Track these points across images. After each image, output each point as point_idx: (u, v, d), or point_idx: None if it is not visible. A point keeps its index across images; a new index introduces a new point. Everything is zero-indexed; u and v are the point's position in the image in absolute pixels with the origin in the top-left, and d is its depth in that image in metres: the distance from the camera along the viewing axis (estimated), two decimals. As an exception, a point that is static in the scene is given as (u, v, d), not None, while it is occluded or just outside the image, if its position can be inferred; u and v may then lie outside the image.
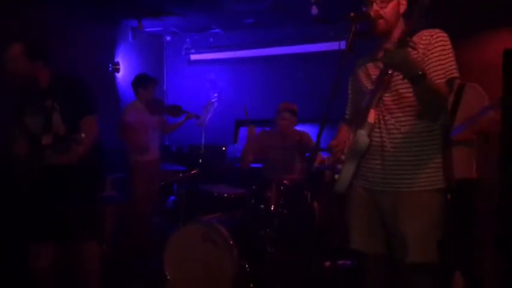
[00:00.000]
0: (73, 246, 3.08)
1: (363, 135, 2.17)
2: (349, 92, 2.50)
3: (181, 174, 4.57)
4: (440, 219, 2.16)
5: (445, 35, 2.11)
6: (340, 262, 3.81)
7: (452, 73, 2.07)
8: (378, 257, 2.30)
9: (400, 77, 2.01)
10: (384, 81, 2.13)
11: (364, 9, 2.19)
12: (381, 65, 2.19)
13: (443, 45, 2.09)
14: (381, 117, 2.18)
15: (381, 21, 2.16)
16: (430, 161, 2.15)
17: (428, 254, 2.13)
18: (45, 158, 2.86)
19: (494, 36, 4.85)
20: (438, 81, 2.04)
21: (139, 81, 4.89)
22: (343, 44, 2.48)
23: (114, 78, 6.04)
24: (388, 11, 2.16)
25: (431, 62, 2.08)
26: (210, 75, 6.71)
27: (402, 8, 2.21)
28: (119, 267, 4.23)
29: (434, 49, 2.08)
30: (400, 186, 2.16)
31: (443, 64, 2.07)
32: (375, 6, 2.15)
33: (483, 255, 3.35)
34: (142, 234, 4.71)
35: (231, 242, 3.27)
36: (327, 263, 3.87)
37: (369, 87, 2.24)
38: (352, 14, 2.10)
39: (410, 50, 1.89)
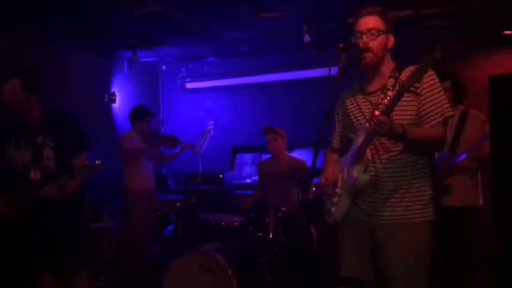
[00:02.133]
0: (64, 278, 3.07)
1: (362, 172, 2.20)
2: (336, 121, 2.52)
3: (178, 204, 4.56)
4: (430, 250, 2.19)
5: (434, 73, 2.17)
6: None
7: (448, 112, 2.15)
8: (368, 284, 2.31)
9: (395, 115, 2.08)
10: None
11: (353, 40, 2.24)
12: (372, 100, 2.25)
13: (435, 84, 2.16)
14: (375, 153, 2.22)
15: (369, 54, 2.21)
16: (422, 193, 2.20)
17: (418, 285, 2.15)
18: (33, 192, 2.86)
19: (480, 59, 4.94)
20: (436, 121, 2.13)
21: (135, 114, 4.92)
22: (333, 70, 2.52)
23: (110, 108, 6.08)
24: (376, 44, 2.21)
25: (426, 104, 2.14)
26: (205, 103, 6.77)
27: (390, 43, 2.27)
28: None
29: (427, 90, 2.14)
30: (392, 218, 2.19)
31: (438, 104, 2.13)
32: (364, 38, 2.21)
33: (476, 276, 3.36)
34: (139, 264, 4.67)
35: (230, 271, 3.25)
36: (327, 290, 3.84)
37: (361, 122, 2.27)
38: (341, 45, 2.15)
39: (411, 94, 1.98)
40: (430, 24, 4.71)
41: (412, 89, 1.93)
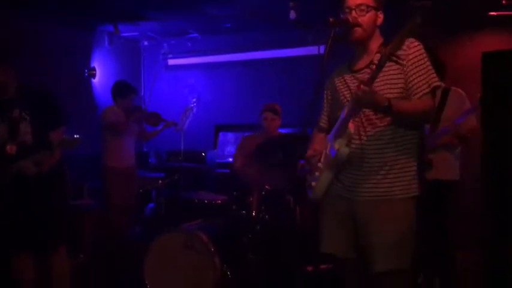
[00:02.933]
0: (43, 257, 3.04)
1: (343, 145, 2.18)
2: (325, 100, 2.50)
3: (160, 181, 4.51)
4: (413, 226, 2.19)
5: (420, 44, 2.15)
6: (323, 266, 3.81)
7: (435, 82, 2.13)
8: (350, 261, 2.32)
9: (382, 90, 2.07)
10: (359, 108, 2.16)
11: (342, 15, 2.21)
12: (359, 76, 2.22)
13: (421, 55, 2.14)
14: (360, 127, 2.19)
15: (358, 29, 2.19)
16: (407, 169, 2.18)
17: (401, 261, 2.15)
18: (10, 167, 2.82)
19: (469, 39, 4.95)
20: (423, 92, 2.11)
21: (118, 90, 4.81)
22: (322, 49, 2.48)
23: (90, 83, 5.96)
24: (365, 20, 2.18)
25: (412, 75, 2.13)
26: (188, 80, 6.67)
27: (379, 20, 2.24)
28: (98, 277, 4.16)
29: (413, 61, 2.13)
30: (376, 194, 2.18)
31: (425, 75, 2.12)
32: (354, 14, 2.18)
33: (460, 256, 3.42)
34: (120, 243, 4.63)
35: (213, 249, 3.24)
36: (310, 268, 3.87)
37: (349, 99, 2.25)
38: (331, 20, 2.12)
39: (393, 63, 1.97)
40: (416, 5, 4.66)
41: (393, 58, 1.91)
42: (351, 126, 2.17)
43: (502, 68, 1.98)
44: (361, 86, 1.97)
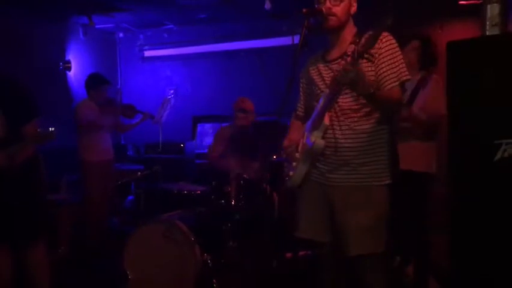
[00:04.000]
0: (20, 251, 3.00)
1: (319, 137, 2.24)
2: (301, 89, 2.54)
3: (139, 173, 4.50)
4: (387, 212, 2.25)
5: (392, 37, 2.20)
6: (301, 253, 3.88)
7: (405, 75, 2.18)
8: (326, 246, 2.38)
9: None
10: (339, 88, 2.18)
11: (316, 6, 2.23)
12: (333, 67, 2.26)
13: (393, 49, 2.18)
14: (335, 118, 2.24)
15: (332, 17, 2.22)
16: (379, 158, 2.25)
17: (375, 245, 2.21)
18: None
19: (440, 27, 5.05)
20: (392, 85, 2.15)
21: (91, 82, 4.75)
22: (296, 39, 2.52)
23: (65, 76, 5.88)
24: (339, 9, 2.22)
25: (383, 67, 2.17)
26: (165, 71, 6.64)
27: (353, 9, 2.28)
28: (78, 270, 4.16)
29: (384, 54, 2.17)
30: (350, 181, 2.25)
31: (395, 68, 2.16)
32: (328, 4, 2.21)
33: (435, 240, 3.50)
34: (99, 235, 4.62)
35: (192, 239, 3.27)
36: (288, 255, 3.93)
37: (323, 89, 2.29)
38: (304, 10, 2.15)
39: (365, 61, 1.98)
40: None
41: (366, 55, 1.94)
42: (326, 118, 2.22)
43: (467, 56, 2.04)
44: (344, 65, 1.97)
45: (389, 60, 2.17)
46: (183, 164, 5.71)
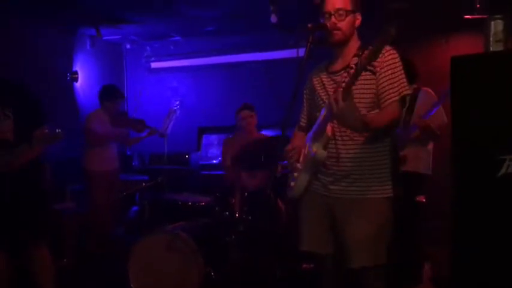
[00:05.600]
0: (24, 255, 3.01)
1: (320, 148, 2.24)
2: (304, 100, 2.55)
3: (143, 184, 4.52)
4: (389, 224, 2.26)
5: (395, 52, 2.22)
6: (305, 265, 3.87)
7: (405, 90, 2.20)
8: (329, 258, 2.38)
9: (358, 94, 2.13)
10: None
11: (321, 20, 2.26)
12: (336, 78, 2.29)
13: (395, 63, 2.20)
14: (337, 130, 2.26)
15: (338, 32, 2.24)
16: (381, 171, 2.26)
17: (378, 257, 2.22)
18: None
19: (445, 41, 5.07)
20: (393, 99, 2.17)
21: (106, 93, 4.81)
22: (301, 51, 2.55)
23: (72, 87, 5.93)
24: (344, 24, 2.24)
25: (385, 82, 2.19)
26: (171, 83, 6.69)
27: (357, 22, 2.30)
28: (82, 279, 4.16)
29: (386, 68, 2.18)
30: (352, 193, 2.25)
31: (396, 83, 2.18)
32: (333, 19, 2.23)
33: (432, 251, 3.52)
34: (103, 245, 4.63)
35: (196, 250, 3.27)
36: (292, 267, 3.92)
37: (325, 100, 2.30)
38: (309, 25, 2.18)
39: (369, 73, 2.02)
40: (391, 7, 4.77)
41: (369, 67, 1.96)
42: (329, 129, 2.23)
43: (470, 72, 2.05)
44: (337, 98, 1.98)
45: (391, 75, 2.18)
46: (188, 175, 5.72)
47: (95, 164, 4.69)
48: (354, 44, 2.31)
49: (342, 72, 2.27)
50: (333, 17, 2.23)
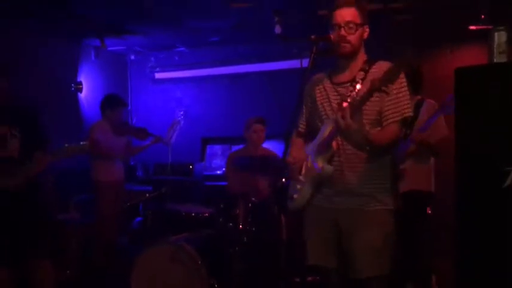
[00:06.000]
0: (25, 267, 3.03)
1: (326, 163, 2.25)
2: (304, 106, 2.51)
3: (147, 194, 4.51)
4: (392, 236, 2.28)
5: (404, 76, 2.22)
6: (310, 278, 3.83)
7: (408, 112, 2.22)
8: (334, 271, 2.37)
9: (363, 109, 2.13)
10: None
11: (330, 32, 2.25)
12: (340, 90, 2.29)
13: (402, 86, 2.22)
14: (340, 144, 2.27)
15: (347, 45, 2.25)
16: (383, 184, 2.28)
17: (382, 267, 2.23)
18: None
19: (451, 51, 5.06)
20: (395, 119, 2.20)
21: (109, 102, 4.82)
22: (305, 62, 2.55)
23: (76, 97, 5.95)
24: (354, 37, 2.24)
25: (390, 102, 2.21)
26: (175, 93, 6.70)
27: (365, 34, 2.31)
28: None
29: (394, 92, 2.19)
30: (355, 205, 2.27)
31: (400, 103, 2.20)
32: (343, 32, 2.22)
33: (437, 264, 3.49)
34: (107, 256, 4.62)
35: (200, 262, 3.25)
36: (297, 279, 3.89)
37: (329, 114, 2.31)
38: (313, 37, 2.18)
39: (382, 93, 2.03)
40: (397, 19, 4.79)
41: (383, 88, 1.97)
42: (334, 144, 2.24)
43: (474, 83, 2.04)
44: (345, 115, 2.01)
45: (396, 96, 2.20)
46: (192, 186, 5.71)
47: (101, 174, 4.70)
48: (361, 56, 2.32)
49: (348, 84, 2.27)
50: (342, 29, 2.22)
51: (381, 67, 2.19)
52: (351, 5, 2.23)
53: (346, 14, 2.22)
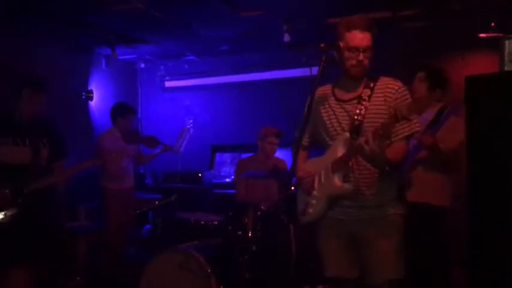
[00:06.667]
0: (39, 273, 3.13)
1: (342, 181, 2.28)
2: (309, 120, 2.49)
3: (157, 202, 4.52)
4: (403, 240, 2.35)
5: (406, 89, 2.29)
6: (319, 287, 3.80)
7: (416, 127, 2.28)
8: (352, 281, 2.41)
9: (372, 127, 2.17)
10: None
11: (345, 55, 2.27)
12: (347, 107, 2.32)
13: (407, 99, 2.25)
14: (354, 162, 2.30)
15: (362, 70, 2.28)
16: (393, 192, 2.38)
17: (399, 271, 2.30)
18: (31, 186, 3.10)
19: (462, 58, 5.04)
20: (404, 135, 2.25)
21: (119, 110, 4.86)
22: (314, 70, 2.56)
23: (87, 106, 6.00)
24: (368, 61, 2.29)
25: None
26: (184, 101, 6.73)
27: (372, 55, 2.33)
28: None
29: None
30: (369, 213, 2.33)
31: (411, 120, 2.20)
32: (361, 56, 2.25)
33: (454, 273, 3.43)
34: (117, 264, 4.62)
35: (209, 270, 3.24)
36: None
37: (339, 131, 2.34)
38: (322, 45, 2.19)
39: (383, 99, 2.19)
40: (407, 26, 4.79)
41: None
42: (350, 163, 2.28)
43: (485, 91, 2.03)
44: (368, 140, 2.07)
45: None
46: (201, 194, 5.71)
47: (111, 182, 4.71)
48: (366, 75, 2.35)
49: (354, 102, 2.31)
50: (361, 54, 2.24)
51: (385, 83, 2.28)
52: (368, 30, 2.25)
53: (365, 39, 2.24)
